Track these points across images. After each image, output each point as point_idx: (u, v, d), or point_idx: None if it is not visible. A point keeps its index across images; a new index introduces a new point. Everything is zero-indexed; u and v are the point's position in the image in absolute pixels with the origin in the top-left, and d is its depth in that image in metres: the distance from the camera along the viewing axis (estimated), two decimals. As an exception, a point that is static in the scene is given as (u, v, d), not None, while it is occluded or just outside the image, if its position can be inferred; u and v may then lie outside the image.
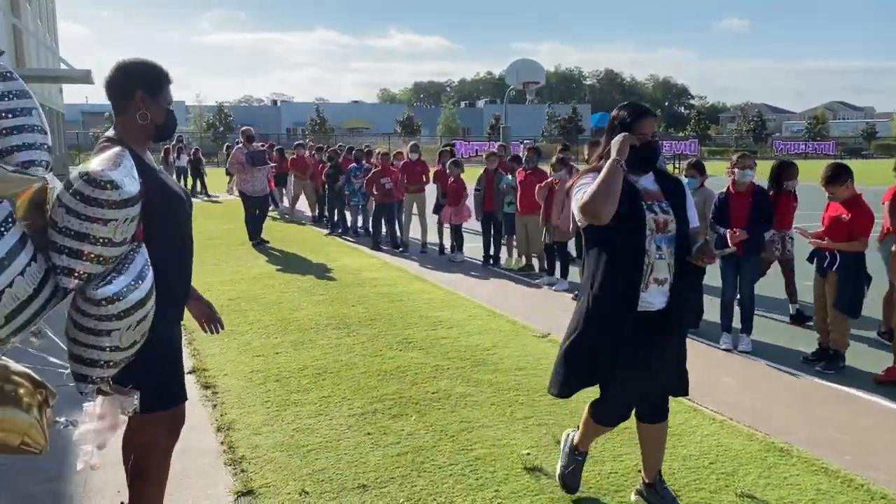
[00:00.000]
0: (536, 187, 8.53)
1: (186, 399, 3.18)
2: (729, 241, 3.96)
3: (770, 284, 7.94)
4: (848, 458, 4.18)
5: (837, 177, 5.63)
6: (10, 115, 2.30)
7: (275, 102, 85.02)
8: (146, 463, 3.05)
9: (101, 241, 2.33)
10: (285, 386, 5.47)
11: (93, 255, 2.34)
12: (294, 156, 17.03)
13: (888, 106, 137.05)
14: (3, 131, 2.29)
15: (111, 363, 2.50)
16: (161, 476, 3.13)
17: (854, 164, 6.50)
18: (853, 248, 5.54)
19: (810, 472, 4.02)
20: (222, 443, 4.52)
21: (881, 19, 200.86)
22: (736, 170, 6.22)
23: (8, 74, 2.34)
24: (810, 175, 7.30)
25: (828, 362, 5.74)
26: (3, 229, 2.17)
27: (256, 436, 4.61)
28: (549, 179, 8.45)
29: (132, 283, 2.42)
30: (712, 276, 6.91)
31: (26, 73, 16.63)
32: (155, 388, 2.93)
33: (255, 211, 12.21)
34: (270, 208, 17.49)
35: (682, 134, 64.99)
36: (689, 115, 79.18)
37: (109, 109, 3.08)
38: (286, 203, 17.81)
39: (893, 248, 5.76)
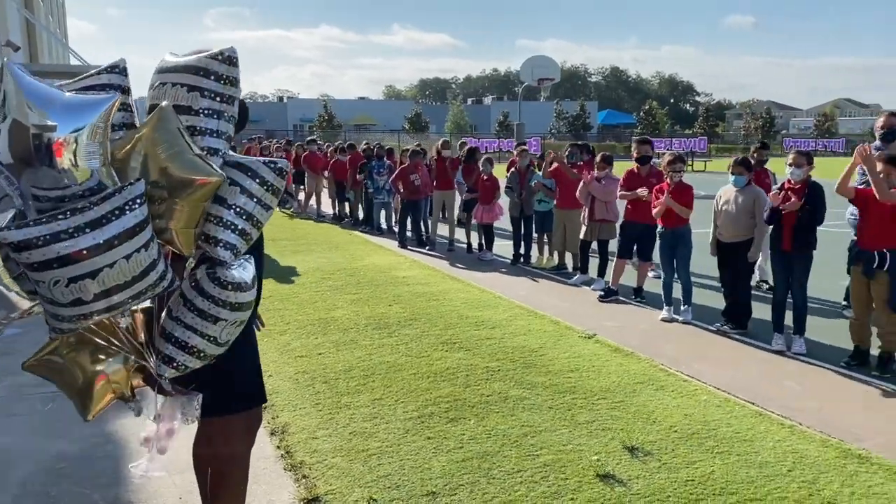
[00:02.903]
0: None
1: (266, 400, 3.08)
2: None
3: (817, 281, 7.82)
4: (931, 465, 4.05)
5: None
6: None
7: (281, 99, 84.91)
8: (228, 471, 2.94)
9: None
10: (334, 388, 5.35)
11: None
12: (307, 152, 16.87)
13: (894, 103, 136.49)
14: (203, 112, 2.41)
15: (202, 354, 2.45)
16: (243, 482, 3.03)
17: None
18: None
19: (893, 480, 3.88)
20: (278, 447, 4.41)
21: (886, 16, 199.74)
22: (788, 167, 6.09)
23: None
24: (822, 173, 7.18)
25: (883, 364, 5.59)
26: (127, 207, 2.11)
27: (313, 440, 4.49)
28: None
29: (254, 280, 2.40)
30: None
31: (40, 69, 16.51)
32: (240, 387, 2.83)
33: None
34: (287, 205, 17.39)
35: (689, 131, 64.66)
36: (695, 113, 78.93)
37: None
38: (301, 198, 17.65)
39: None
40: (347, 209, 15.31)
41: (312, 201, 16.94)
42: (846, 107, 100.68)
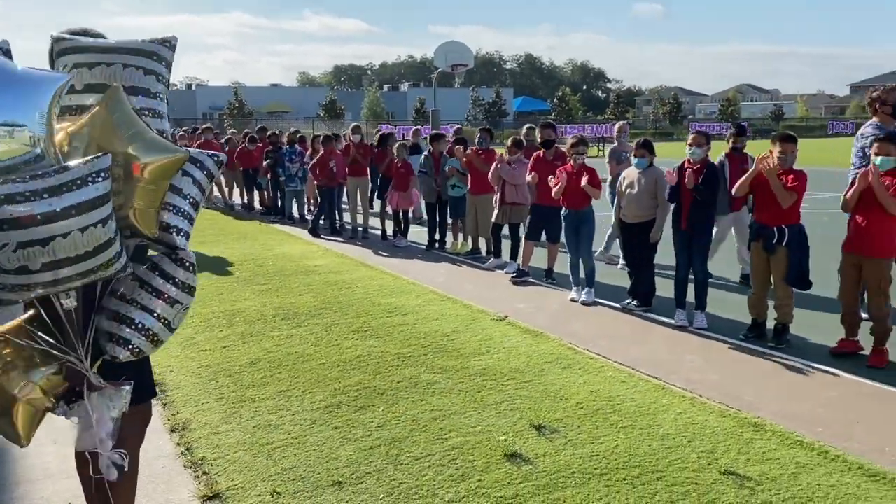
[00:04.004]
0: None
1: (156, 394, 2.94)
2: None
3: (718, 258, 8.09)
4: (820, 429, 4.24)
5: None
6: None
7: (189, 86, 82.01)
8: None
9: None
10: (238, 381, 5.17)
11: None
12: (202, 141, 16.21)
13: (792, 88, 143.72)
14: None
15: (156, 338, 2.43)
16: (132, 483, 2.88)
17: (764, 144, 6.64)
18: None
19: (786, 445, 4.04)
20: (178, 444, 4.23)
21: (783, 4, 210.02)
22: (687, 147, 6.25)
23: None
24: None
25: (778, 336, 5.83)
26: (90, 179, 2.06)
27: (215, 435, 4.32)
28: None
29: None
30: (665, 253, 6.97)
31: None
32: (135, 379, 2.69)
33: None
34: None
35: (601, 117, 66.22)
36: (607, 99, 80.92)
37: None
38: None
39: None
40: (258, 198, 14.89)
41: (216, 192, 16.37)
42: (748, 92, 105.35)
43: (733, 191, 6.03)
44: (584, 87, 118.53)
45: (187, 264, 2.44)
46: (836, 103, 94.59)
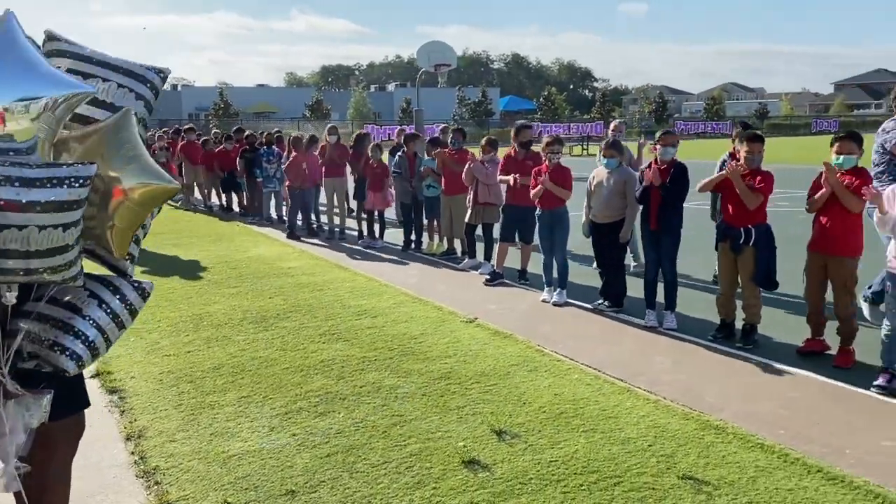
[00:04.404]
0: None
1: (90, 405, 2.84)
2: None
3: (688, 258, 8.07)
4: (781, 432, 4.20)
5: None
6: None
7: (175, 87, 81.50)
8: (51, 486, 2.69)
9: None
10: (200, 387, 5.09)
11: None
12: (185, 142, 16.06)
13: (776, 87, 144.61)
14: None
15: (97, 355, 2.47)
16: (66, 492, 2.79)
17: None
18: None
19: (747, 448, 4.01)
20: (133, 453, 4.15)
21: (768, 3, 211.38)
22: (658, 146, 6.22)
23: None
24: (709, 153, 7.42)
25: (746, 336, 5.81)
26: (67, 182, 2.07)
27: (171, 443, 4.25)
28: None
29: None
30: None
31: None
32: (64, 389, 2.60)
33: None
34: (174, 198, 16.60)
35: (587, 116, 66.29)
36: (594, 98, 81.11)
37: None
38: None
39: None
40: (235, 199, 14.75)
41: (197, 193, 16.22)
42: (733, 90, 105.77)
43: (697, 188, 5.99)
44: (571, 87, 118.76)
45: (141, 290, 2.55)
46: (821, 101, 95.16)
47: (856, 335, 5.35)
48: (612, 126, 8.78)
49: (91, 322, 2.43)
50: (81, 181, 2.09)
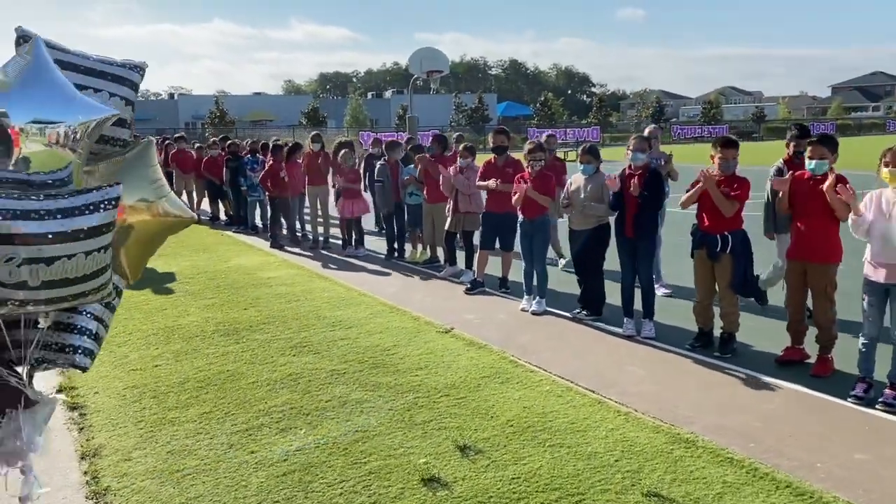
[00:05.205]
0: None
1: None
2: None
3: (666, 265, 7.95)
4: (752, 445, 4.08)
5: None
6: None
7: (171, 96, 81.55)
8: None
9: None
10: (162, 402, 4.97)
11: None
12: (175, 150, 15.94)
13: (774, 90, 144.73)
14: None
15: (101, 341, 2.69)
16: None
17: (745, 145, 6.45)
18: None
19: (716, 463, 3.89)
20: (86, 472, 4.04)
21: (766, 4, 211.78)
22: (629, 151, 6.11)
23: None
24: (705, 158, 7.26)
25: (724, 345, 5.69)
26: (102, 206, 2.17)
27: (126, 462, 4.13)
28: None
29: None
30: (613, 260, 6.81)
31: None
32: None
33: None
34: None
35: (584, 121, 66.19)
36: (591, 103, 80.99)
37: None
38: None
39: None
40: (222, 208, 14.63)
41: (186, 199, 16.09)
42: (731, 94, 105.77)
43: (679, 205, 5.83)
44: (569, 92, 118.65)
45: (120, 292, 2.74)
46: (818, 104, 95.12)
47: (835, 343, 5.23)
48: (647, 131, 7.80)
49: (89, 315, 2.54)
50: (112, 203, 2.21)
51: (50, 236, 2.04)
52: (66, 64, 2.53)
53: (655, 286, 6.79)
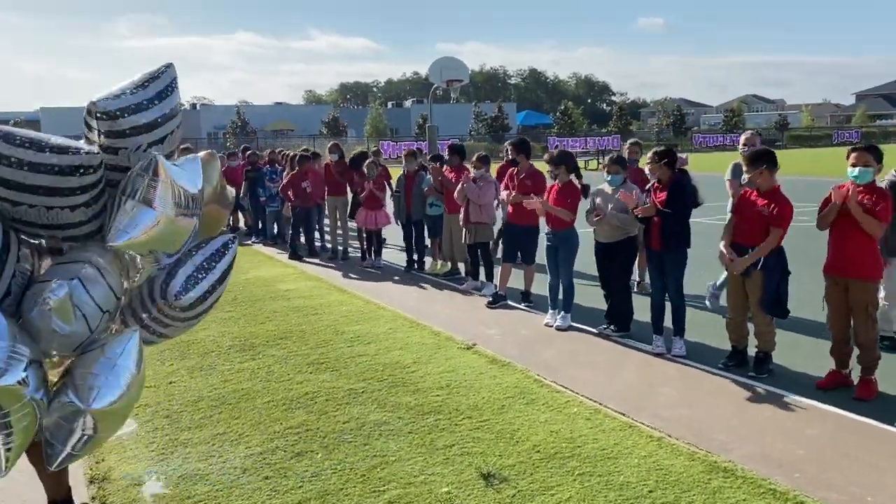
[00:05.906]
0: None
1: None
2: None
3: (698, 279, 7.69)
4: (797, 475, 3.82)
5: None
6: None
7: (194, 106, 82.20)
8: None
9: None
10: (175, 423, 4.81)
11: None
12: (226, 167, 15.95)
13: (796, 98, 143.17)
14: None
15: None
16: None
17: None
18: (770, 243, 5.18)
19: (758, 495, 3.64)
20: (94, 498, 3.86)
21: (788, 15, 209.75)
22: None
23: None
24: (727, 167, 6.99)
25: (759, 365, 5.42)
26: (224, 249, 3.50)
27: (135, 487, 3.96)
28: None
29: None
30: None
31: None
32: None
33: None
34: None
35: (605, 130, 65.74)
36: (611, 112, 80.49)
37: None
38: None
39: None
40: (242, 219, 14.54)
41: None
42: (753, 103, 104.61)
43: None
44: (589, 101, 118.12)
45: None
46: (842, 112, 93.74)
47: (877, 363, 4.95)
48: (742, 137, 6.99)
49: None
50: (231, 246, 3.63)
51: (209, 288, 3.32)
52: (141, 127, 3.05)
53: (707, 302, 7.00)
